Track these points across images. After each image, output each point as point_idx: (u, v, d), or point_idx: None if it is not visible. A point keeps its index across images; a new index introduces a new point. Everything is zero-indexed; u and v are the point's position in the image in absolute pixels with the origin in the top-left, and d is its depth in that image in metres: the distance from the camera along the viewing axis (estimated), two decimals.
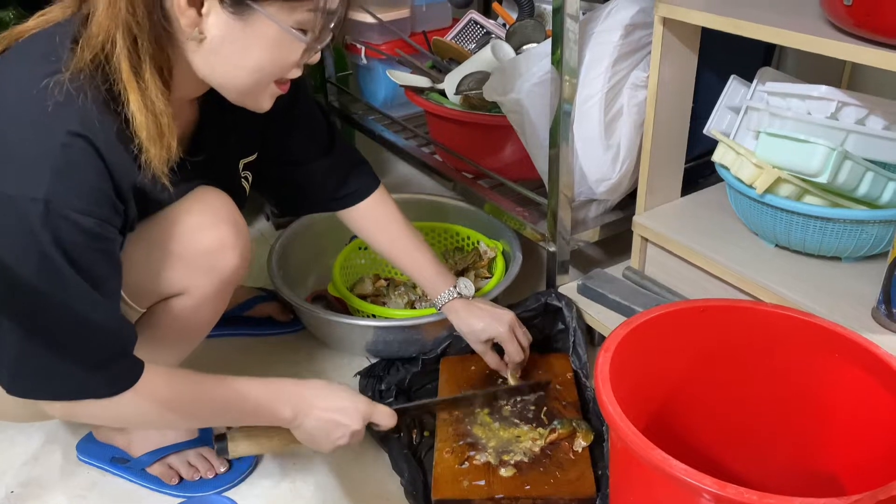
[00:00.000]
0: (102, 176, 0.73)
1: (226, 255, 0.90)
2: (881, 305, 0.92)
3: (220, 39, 0.75)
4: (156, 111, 0.74)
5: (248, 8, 0.73)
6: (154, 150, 0.75)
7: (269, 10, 0.73)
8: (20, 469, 1.06)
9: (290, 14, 0.74)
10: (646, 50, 1.14)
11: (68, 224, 0.69)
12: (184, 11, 0.72)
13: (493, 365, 1.10)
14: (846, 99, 0.96)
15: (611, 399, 0.69)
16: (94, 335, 0.75)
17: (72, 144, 0.70)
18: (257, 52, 0.76)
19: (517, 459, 0.96)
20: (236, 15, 0.73)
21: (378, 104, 1.72)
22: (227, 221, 0.90)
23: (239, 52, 0.76)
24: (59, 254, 0.69)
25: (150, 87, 0.73)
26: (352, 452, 1.06)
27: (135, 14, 0.70)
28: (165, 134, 0.75)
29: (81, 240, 0.71)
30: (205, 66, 0.77)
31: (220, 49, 0.75)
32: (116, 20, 0.70)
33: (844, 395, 0.79)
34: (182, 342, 0.96)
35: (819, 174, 0.95)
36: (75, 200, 0.70)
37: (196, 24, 0.73)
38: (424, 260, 1.10)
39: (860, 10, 0.80)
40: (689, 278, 1.13)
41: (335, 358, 1.25)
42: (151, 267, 0.87)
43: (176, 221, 0.86)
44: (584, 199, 1.23)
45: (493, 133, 1.34)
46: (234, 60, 0.77)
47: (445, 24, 1.75)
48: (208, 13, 0.73)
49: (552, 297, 1.18)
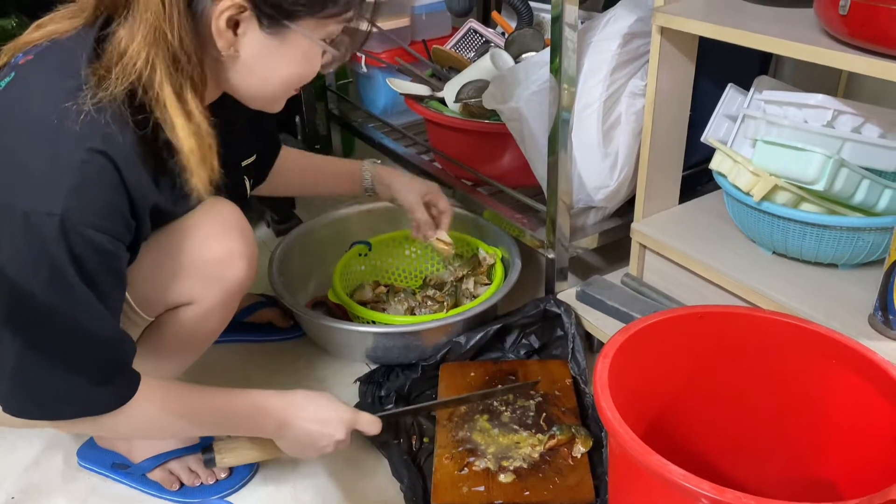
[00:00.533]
0: (119, 193, 0.73)
1: (234, 265, 0.90)
2: (878, 312, 0.93)
3: (254, 57, 0.78)
4: (201, 133, 0.75)
5: (285, 27, 0.76)
6: (200, 174, 0.76)
7: (303, 27, 0.76)
8: (21, 475, 1.06)
9: (323, 29, 0.78)
10: (644, 59, 1.15)
11: (82, 239, 0.70)
12: (222, 33, 0.74)
13: (424, 220, 1.17)
14: (842, 107, 0.97)
15: (609, 405, 0.69)
16: (98, 350, 0.75)
17: (91, 161, 0.70)
18: (289, 67, 0.80)
19: (516, 465, 0.97)
20: (272, 34, 0.76)
21: (378, 112, 1.73)
22: (236, 232, 0.91)
23: (272, 67, 0.79)
24: (71, 267, 0.70)
25: (194, 110, 0.74)
26: (352, 458, 1.06)
27: (181, 41, 0.71)
28: (208, 155, 0.76)
29: (93, 255, 0.71)
30: (237, 81, 0.80)
31: (254, 65, 0.78)
32: (157, 46, 0.71)
33: (842, 402, 0.79)
34: (188, 351, 0.97)
35: (816, 182, 0.96)
36: (90, 217, 0.70)
37: (232, 45, 0.76)
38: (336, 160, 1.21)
39: (855, 19, 0.81)
40: (687, 285, 1.14)
41: (335, 364, 1.25)
42: (160, 276, 0.87)
43: (185, 231, 0.87)
44: (582, 206, 1.24)
45: (492, 141, 1.35)
46: (266, 75, 0.80)
47: (445, 33, 1.76)
48: (244, 33, 0.75)
49: (551, 303, 1.19)
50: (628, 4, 1.17)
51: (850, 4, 0.80)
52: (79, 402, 0.76)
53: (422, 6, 1.71)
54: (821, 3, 0.86)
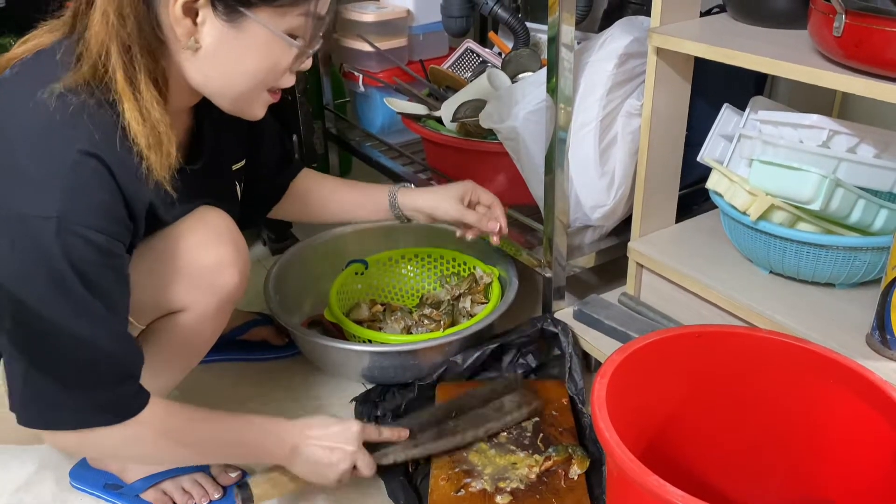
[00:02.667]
0: (113, 193, 0.74)
1: (225, 273, 0.90)
2: (875, 332, 0.93)
3: (214, 48, 0.76)
4: (152, 120, 0.75)
5: (241, 15, 0.75)
6: (154, 158, 0.76)
7: (260, 16, 0.75)
8: (13, 495, 1.05)
9: (282, 19, 0.76)
10: (640, 79, 1.16)
11: (80, 240, 0.70)
12: (179, 21, 0.74)
13: (480, 222, 1.11)
14: (837, 127, 0.98)
15: (607, 425, 0.69)
16: (103, 358, 0.75)
17: (83, 163, 0.71)
18: (250, 59, 0.78)
19: (513, 486, 0.96)
20: (230, 23, 0.75)
21: (375, 131, 1.74)
22: (228, 240, 0.91)
23: (233, 59, 0.78)
24: (71, 270, 0.70)
25: (146, 96, 0.74)
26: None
27: (125, 25, 0.72)
28: (164, 142, 0.76)
29: (93, 256, 0.71)
30: (199, 75, 0.79)
31: (215, 57, 0.77)
32: (109, 31, 0.72)
33: (840, 421, 0.79)
34: (180, 361, 0.96)
35: (812, 201, 0.96)
36: (87, 217, 0.70)
37: (192, 34, 0.75)
38: (361, 184, 1.16)
39: (849, 41, 0.81)
40: (685, 304, 1.14)
41: (331, 383, 1.24)
42: (152, 283, 0.87)
43: (177, 239, 0.87)
44: (579, 225, 1.24)
45: (489, 160, 1.35)
46: (229, 68, 0.78)
47: (442, 53, 1.77)
48: (203, 22, 0.75)
49: (548, 322, 1.18)
50: (624, 25, 1.18)
51: (844, 26, 0.81)
52: (87, 410, 0.76)
53: (419, 26, 1.72)
54: (815, 25, 0.87)
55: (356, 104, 1.81)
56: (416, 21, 1.72)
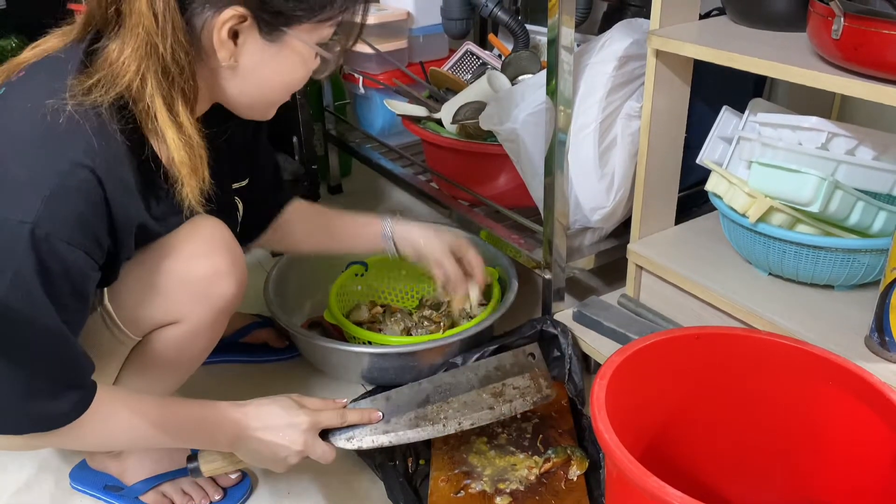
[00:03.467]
0: (97, 209, 0.73)
1: (221, 283, 0.89)
2: (874, 334, 0.93)
3: (253, 65, 0.79)
4: (192, 144, 0.76)
5: (282, 33, 0.77)
6: (192, 183, 0.77)
7: (299, 32, 0.78)
8: (12, 497, 1.05)
9: (318, 32, 0.80)
10: (639, 81, 1.16)
11: (51, 250, 0.69)
12: (224, 44, 0.75)
13: (455, 274, 1.11)
14: (836, 130, 0.98)
15: (607, 426, 0.69)
16: (54, 363, 0.74)
17: (72, 174, 0.70)
18: (286, 72, 0.81)
19: (513, 488, 0.96)
20: (270, 41, 0.78)
21: (375, 133, 1.74)
22: (223, 250, 0.90)
23: (269, 73, 0.81)
24: (37, 278, 0.69)
25: (185, 121, 0.75)
26: (347, 481, 1.05)
27: (174, 54, 0.72)
28: (199, 166, 0.77)
29: (59, 268, 0.70)
30: (234, 90, 0.81)
31: (252, 73, 0.80)
32: (148, 60, 0.72)
33: (839, 423, 0.79)
34: (176, 371, 0.96)
35: (811, 203, 0.96)
36: (61, 228, 0.70)
37: (233, 54, 0.77)
38: (355, 217, 1.16)
39: (848, 44, 0.81)
40: (684, 306, 1.14)
41: (331, 385, 1.24)
42: (146, 294, 0.87)
43: (171, 249, 0.86)
44: (579, 227, 1.24)
45: (489, 161, 1.36)
46: (264, 82, 0.81)
47: (442, 55, 1.78)
48: (244, 42, 0.77)
49: (548, 324, 1.18)
50: (624, 27, 1.18)
51: (843, 29, 0.81)
52: (35, 416, 0.75)
53: (419, 29, 1.73)
54: (814, 28, 0.87)
55: (356, 106, 1.82)
56: (416, 23, 1.72)
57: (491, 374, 0.98)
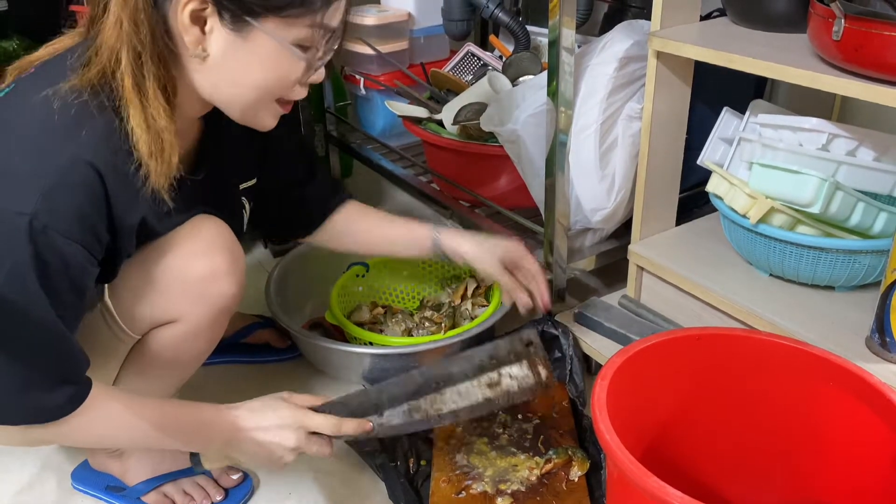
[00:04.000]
0: (97, 203, 0.73)
1: (220, 283, 0.89)
2: (875, 334, 0.93)
3: (221, 57, 0.76)
4: (157, 128, 0.75)
5: (247, 24, 0.74)
6: (154, 165, 0.75)
7: (266, 26, 0.75)
8: (14, 497, 1.05)
9: (289, 30, 0.76)
10: (640, 82, 1.16)
11: (48, 243, 0.69)
12: (187, 29, 0.74)
13: (511, 284, 1.06)
14: (836, 131, 0.98)
15: (608, 427, 0.69)
16: (49, 357, 0.74)
17: (73, 169, 0.71)
18: (258, 70, 0.77)
19: (514, 489, 0.96)
20: (236, 32, 0.75)
21: (376, 134, 1.74)
22: (222, 249, 0.90)
23: (240, 69, 0.77)
24: (33, 271, 0.69)
25: (153, 103, 0.74)
26: (348, 481, 1.05)
27: (138, 32, 0.72)
28: (166, 150, 0.76)
29: (57, 261, 0.71)
30: (207, 84, 0.79)
31: (222, 66, 0.77)
32: (121, 37, 0.72)
33: (839, 424, 0.79)
34: (176, 371, 0.96)
35: (811, 204, 0.96)
36: (60, 221, 0.70)
37: (200, 42, 0.75)
38: (406, 221, 1.14)
39: (849, 45, 0.82)
40: (685, 307, 1.14)
41: (332, 385, 1.24)
42: (146, 293, 0.87)
43: (171, 248, 0.86)
44: (579, 227, 1.25)
45: (489, 162, 1.36)
46: (236, 78, 0.78)
47: (443, 56, 1.78)
48: (211, 31, 0.75)
49: (548, 325, 1.19)
50: (625, 29, 1.18)
51: (844, 30, 0.81)
52: (30, 407, 0.75)
53: (420, 30, 1.73)
54: (814, 29, 0.88)
55: (357, 107, 1.82)
56: (417, 24, 1.72)
57: (485, 363, 0.93)
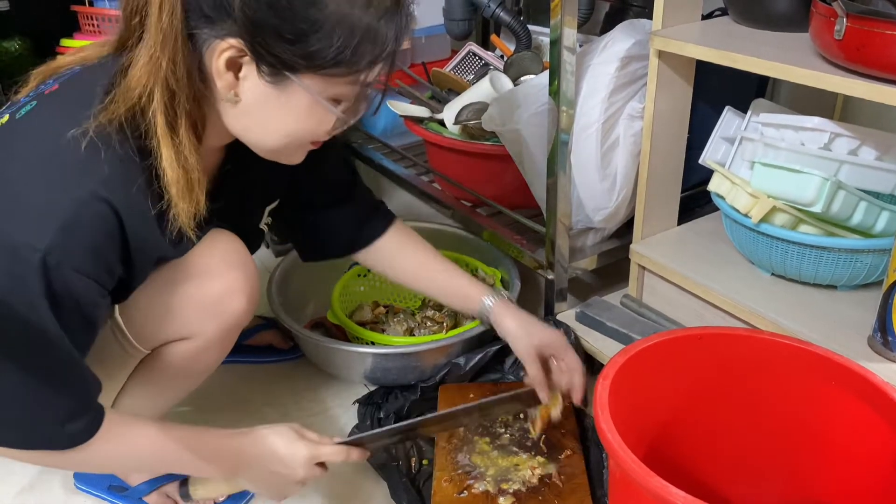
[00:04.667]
0: (111, 240, 0.72)
1: (233, 301, 0.89)
2: (877, 334, 0.93)
3: (254, 104, 0.75)
4: (188, 167, 0.74)
5: (286, 78, 0.72)
6: (182, 205, 0.74)
7: (305, 82, 0.73)
8: (17, 497, 1.05)
9: (327, 87, 0.74)
10: (642, 81, 1.16)
11: (62, 279, 0.69)
12: (221, 74, 0.72)
13: (537, 376, 0.97)
14: (839, 130, 0.98)
15: (610, 427, 0.69)
16: (63, 388, 0.74)
17: (89, 205, 0.69)
18: (291, 120, 0.76)
19: (516, 488, 0.96)
20: (273, 83, 0.73)
21: (378, 133, 1.74)
22: (237, 266, 0.89)
23: (273, 118, 0.76)
24: (46, 304, 0.69)
25: (185, 142, 0.73)
26: (350, 481, 1.05)
27: (175, 72, 0.70)
28: (195, 189, 0.75)
29: (68, 295, 0.70)
30: (237, 126, 0.78)
31: (255, 113, 0.76)
32: (156, 75, 0.70)
33: (841, 423, 0.79)
34: (183, 384, 0.96)
35: (813, 204, 0.96)
36: (74, 257, 0.69)
37: (232, 87, 0.73)
38: (458, 270, 1.07)
39: (851, 44, 0.82)
40: (687, 306, 1.14)
41: (334, 385, 1.24)
42: (159, 310, 0.86)
43: (185, 265, 0.85)
44: (581, 227, 1.24)
45: (491, 162, 1.36)
46: (268, 125, 0.77)
47: (444, 56, 1.78)
48: (245, 77, 0.73)
49: (550, 324, 1.18)
50: (626, 28, 1.18)
51: (846, 29, 0.81)
52: (43, 436, 0.75)
53: (421, 29, 1.73)
54: (816, 28, 0.88)
55: None
56: (419, 24, 1.72)
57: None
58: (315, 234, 1.09)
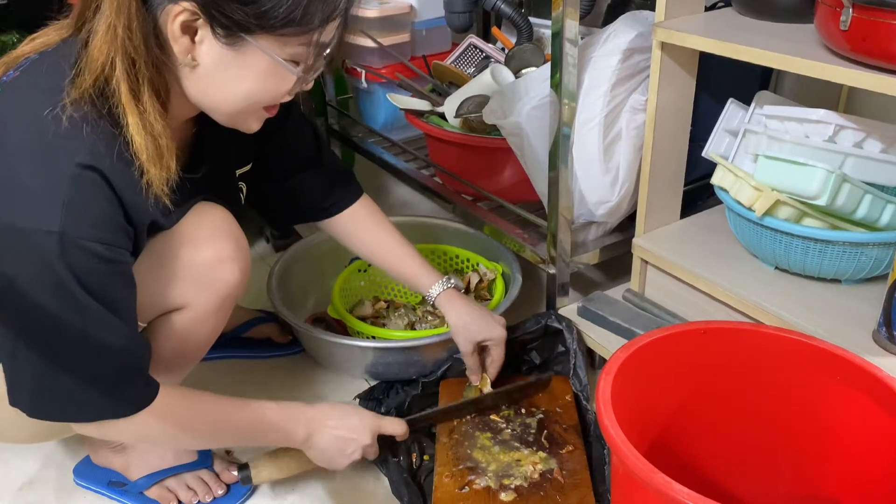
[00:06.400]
0: (112, 204, 0.74)
1: (225, 269, 0.90)
2: (882, 328, 0.92)
3: (212, 67, 0.76)
4: (154, 133, 0.75)
5: (241, 39, 0.74)
6: (154, 171, 0.75)
7: (261, 42, 0.74)
8: (16, 493, 1.05)
9: (283, 48, 0.75)
10: (644, 74, 1.15)
11: (83, 253, 0.71)
12: (177, 38, 0.73)
13: (473, 366, 1.11)
14: (843, 122, 0.97)
15: (612, 422, 0.68)
16: (112, 358, 0.77)
17: (81, 176, 0.71)
18: (248, 82, 0.77)
19: (517, 484, 0.96)
20: (229, 46, 0.74)
21: (378, 127, 1.74)
22: (227, 236, 0.91)
23: (230, 80, 0.77)
24: (76, 282, 0.71)
25: (149, 109, 0.74)
26: (351, 477, 1.05)
27: (132, 38, 0.71)
28: (164, 155, 0.76)
29: (97, 266, 0.72)
30: (196, 91, 0.79)
31: (212, 76, 0.77)
32: (115, 44, 0.71)
33: (845, 418, 0.78)
34: (181, 359, 0.96)
35: (818, 197, 0.95)
36: (89, 230, 0.71)
37: (189, 51, 0.75)
38: (412, 254, 1.13)
39: (856, 35, 0.81)
40: (690, 301, 1.13)
41: (335, 380, 1.24)
42: (152, 281, 0.87)
43: (176, 235, 0.87)
44: (583, 221, 1.24)
45: (492, 156, 1.35)
46: (226, 88, 0.78)
47: (445, 49, 1.77)
48: (201, 41, 0.74)
49: (552, 319, 1.18)
50: (629, 20, 1.17)
51: (851, 20, 0.80)
52: (100, 406, 0.79)
53: (422, 22, 1.72)
54: (821, 19, 0.87)
55: (359, 100, 1.81)
56: (419, 17, 1.71)
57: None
58: (280, 201, 1.12)
